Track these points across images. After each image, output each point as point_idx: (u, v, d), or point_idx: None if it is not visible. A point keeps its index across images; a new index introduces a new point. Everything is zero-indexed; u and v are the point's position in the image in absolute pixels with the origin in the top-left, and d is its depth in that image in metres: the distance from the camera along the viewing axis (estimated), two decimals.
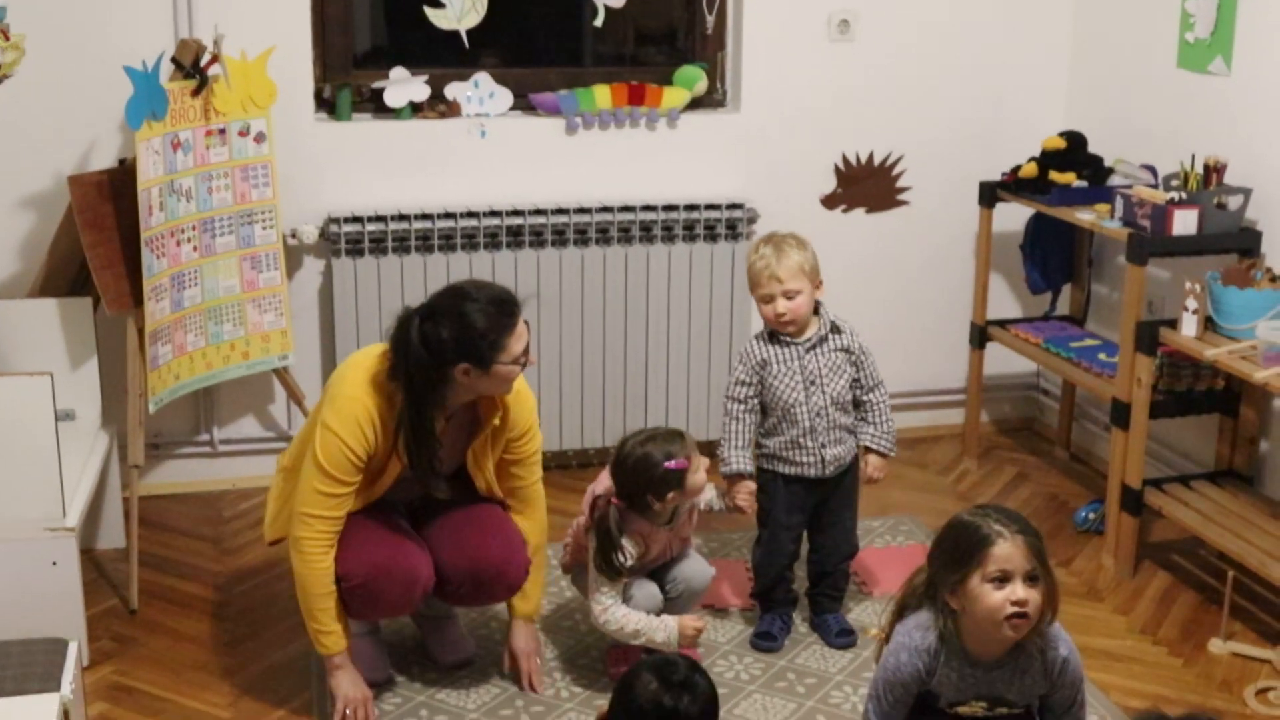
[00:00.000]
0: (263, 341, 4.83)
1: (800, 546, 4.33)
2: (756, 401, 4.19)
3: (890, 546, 4.89)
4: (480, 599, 4.03)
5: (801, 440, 4.16)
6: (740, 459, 4.17)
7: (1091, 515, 5.04)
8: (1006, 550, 2.99)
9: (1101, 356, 5.06)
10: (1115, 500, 4.72)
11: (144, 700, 3.98)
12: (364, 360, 3.75)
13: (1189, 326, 4.44)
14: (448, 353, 3.61)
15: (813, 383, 4.15)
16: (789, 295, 4.09)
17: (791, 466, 4.19)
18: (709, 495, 4.14)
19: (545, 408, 5.27)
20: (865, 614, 4.43)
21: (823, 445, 4.17)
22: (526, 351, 3.71)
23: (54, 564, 4.00)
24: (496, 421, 3.81)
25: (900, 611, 3.24)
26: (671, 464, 3.85)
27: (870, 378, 4.23)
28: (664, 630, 3.90)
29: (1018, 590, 2.99)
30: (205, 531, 4.99)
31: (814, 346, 4.16)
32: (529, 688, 3.99)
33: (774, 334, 4.17)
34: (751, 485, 4.20)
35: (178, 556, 4.79)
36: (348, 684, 3.79)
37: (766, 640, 4.25)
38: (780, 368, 4.15)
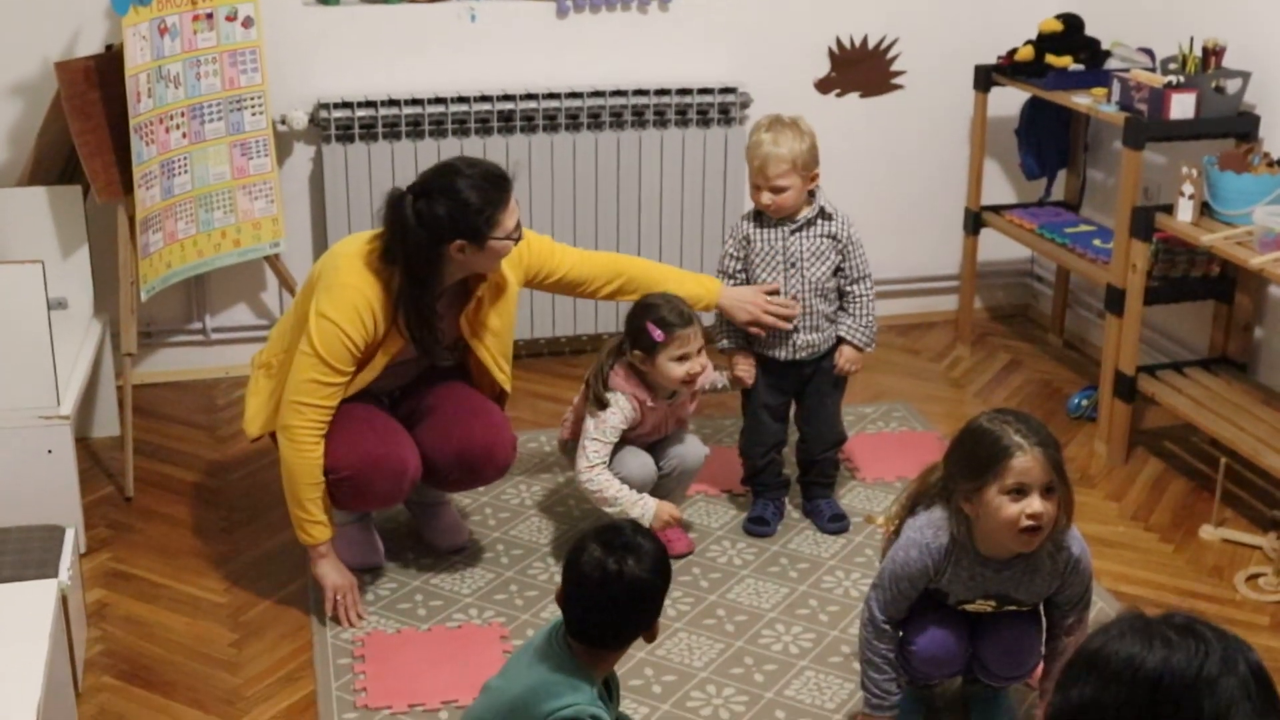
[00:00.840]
0: (254, 229, 4.81)
1: (786, 430, 4.34)
2: (744, 276, 4.19)
3: (882, 433, 4.91)
4: (470, 482, 4.05)
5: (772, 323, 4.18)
6: (735, 334, 4.19)
7: (1085, 402, 5.05)
8: (1025, 463, 2.98)
9: (1096, 242, 5.05)
10: (1108, 387, 4.73)
11: (140, 586, 4.01)
12: (355, 247, 3.73)
13: (1185, 212, 4.42)
14: (444, 230, 3.60)
15: (792, 265, 4.14)
16: (776, 190, 4.07)
17: (765, 347, 4.21)
18: (712, 375, 4.15)
19: (538, 293, 5.25)
20: (857, 499, 4.45)
21: (795, 329, 4.16)
22: (519, 226, 3.71)
23: (49, 452, 4.01)
24: (488, 287, 3.81)
25: (912, 507, 3.25)
26: (653, 327, 3.89)
27: (856, 269, 4.20)
28: (640, 507, 3.92)
29: (1034, 504, 2.99)
30: (199, 419, 4.99)
31: (799, 229, 4.14)
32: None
33: (758, 212, 4.16)
34: (749, 358, 4.21)
35: (172, 444, 4.80)
36: (332, 572, 3.81)
37: (759, 525, 4.27)
38: (762, 247, 4.15)
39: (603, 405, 3.96)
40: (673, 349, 3.90)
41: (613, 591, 2.74)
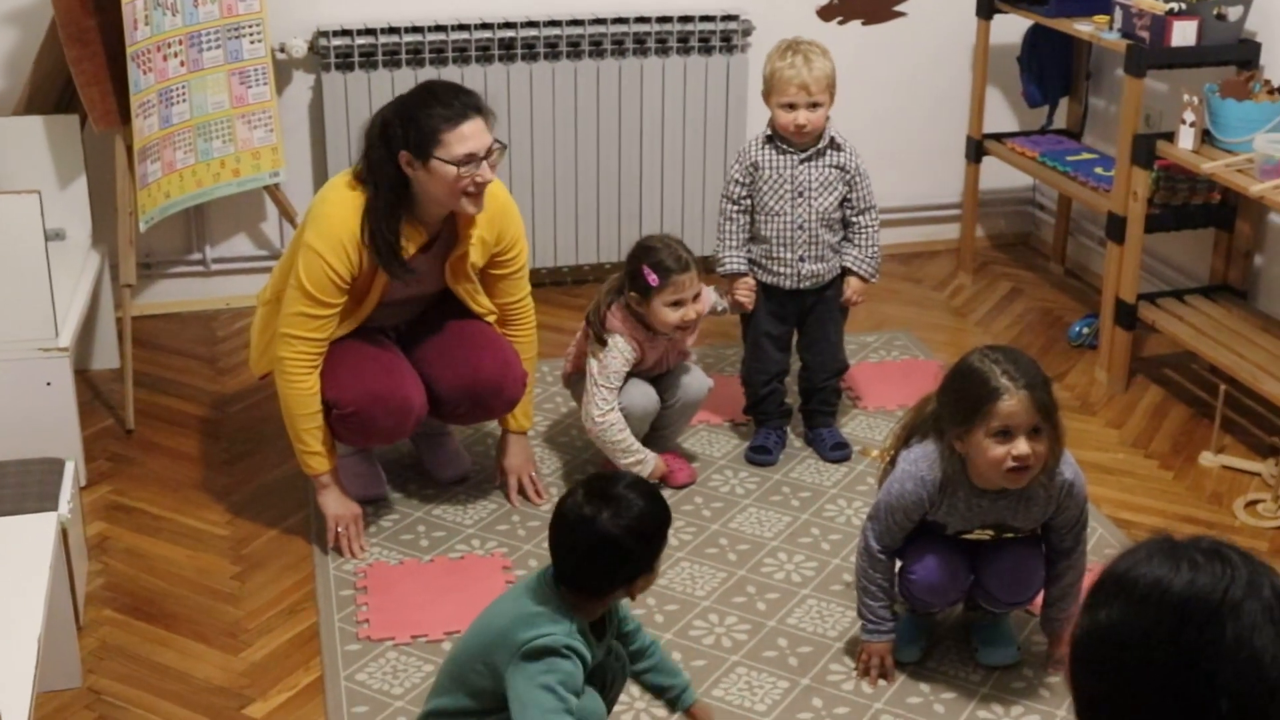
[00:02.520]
0: (253, 158, 4.79)
1: (788, 359, 4.34)
2: (749, 203, 4.18)
3: (885, 361, 4.90)
4: (478, 416, 4.05)
5: (779, 252, 4.17)
6: (736, 258, 4.19)
7: (1085, 330, 5.05)
8: (1011, 406, 3.00)
9: (1098, 170, 5.03)
10: (1109, 315, 4.73)
11: (141, 519, 4.02)
12: (343, 180, 3.72)
13: (1186, 140, 4.41)
14: (394, 139, 3.57)
15: (800, 195, 4.13)
16: (813, 106, 4.06)
17: (768, 275, 4.20)
18: (711, 298, 4.15)
19: (539, 224, 5.25)
20: (859, 428, 4.45)
21: (800, 259, 4.16)
22: (476, 162, 3.60)
23: (48, 384, 4.01)
24: (474, 233, 3.77)
25: (907, 438, 3.27)
26: (649, 271, 3.89)
27: (863, 200, 4.19)
28: (642, 462, 3.98)
29: (1020, 446, 3.01)
30: (199, 351, 4.99)
31: (809, 159, 4.13)
32: (533, 496, 4.04)
33: (771, 138, 4.14)
34: (750, 281, 4.21)
35: (172, 376, 4.80)
36: (335, 503, 3.81)
37: (761, 454, 4.27)
38: (771, 174, 4.14)
39: (604, 343, 3.96)
40: (668, 294, 3.90)
41: (582, 538, 2.71)
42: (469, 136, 3.58)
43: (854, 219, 4.20)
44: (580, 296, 5.07)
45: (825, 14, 5.53)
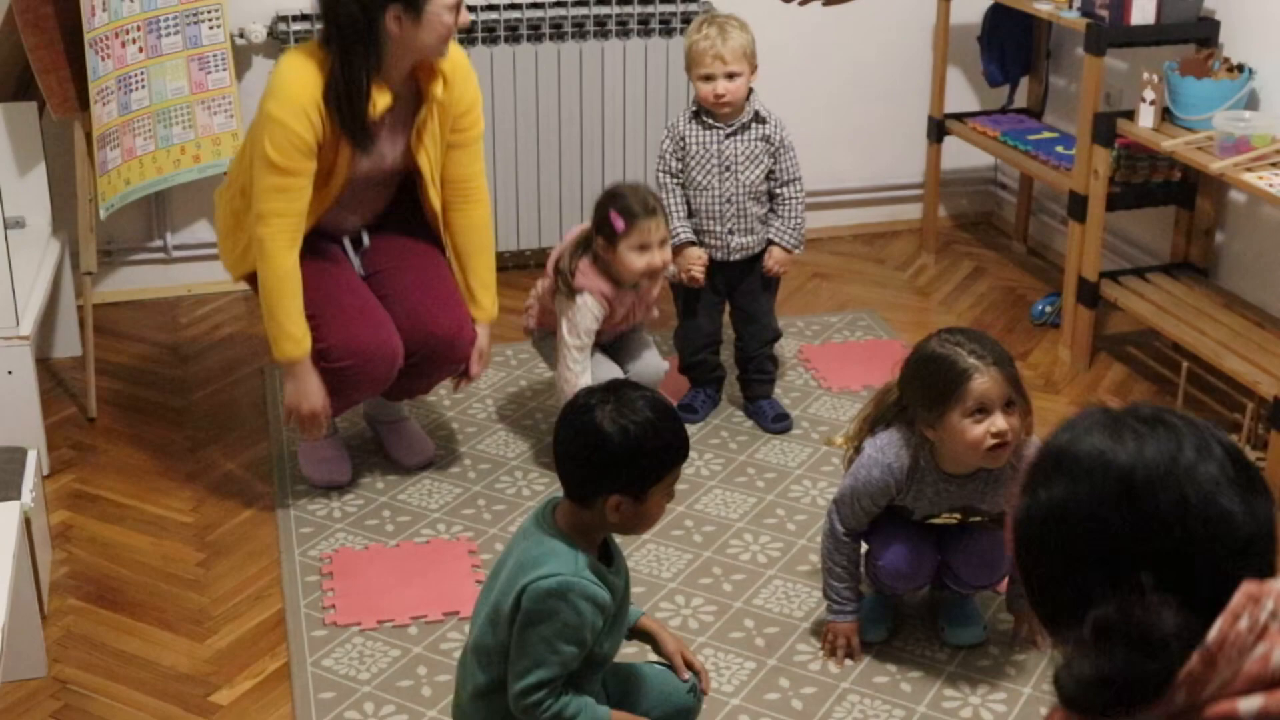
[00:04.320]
0: (213, 144, 4.76)
1: (719, 329, 4.40)
2: (684, 178, 4.24)
3: (848, 342, 4.91)
4: (427, 371, 4.00)
5: (708, 225, 4.23)
6: (683, 229, 4.22)
7: (1048, 308, 5.07)
8: (984, 384, 3.01)
9: (1059, 149, 5.04)
10: (1072, 293, 4.74)
11: (105, 507, 4.00)
12: (296, 53, 3.70)
13: (1146, 118, 4.42)
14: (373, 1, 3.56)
15: (727, 169, 4.19)
16: (730, 76, 4.12)
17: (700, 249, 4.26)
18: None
19: (502, 208, 5.24)
20: (823, 409, 4.46)
21: (729, 231, 4.23)
22: (461, 4, 3.64)
23: (9, 373, 3.98)
24: (439, 91, 3.75)
25: (871, 428, 3.28)
26: (615, 216, 3.88)
27: (787, 172, 4.25)
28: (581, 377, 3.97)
29: (997, 422, 3.02)
30: (162, 338, 4.97)
31: (734, 133, 4.19)
32: (474, 369, 4.02)
33: (698, 113, 4.20)
34: (701, 253, 4.23)
35: (135, 363, 4.78)
36: (298, 392, 3.76)
37: (688, 413, 4.34)
38: (697, 149, 4.19)
39: (573, 298, 3.95)
40: (633, 238, 3.89)
41: (576, 425, 2.62)
42: None
43: (778, 191, 4.26)
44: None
45: None
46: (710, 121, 4.18)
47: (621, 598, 2.74)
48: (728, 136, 4.18)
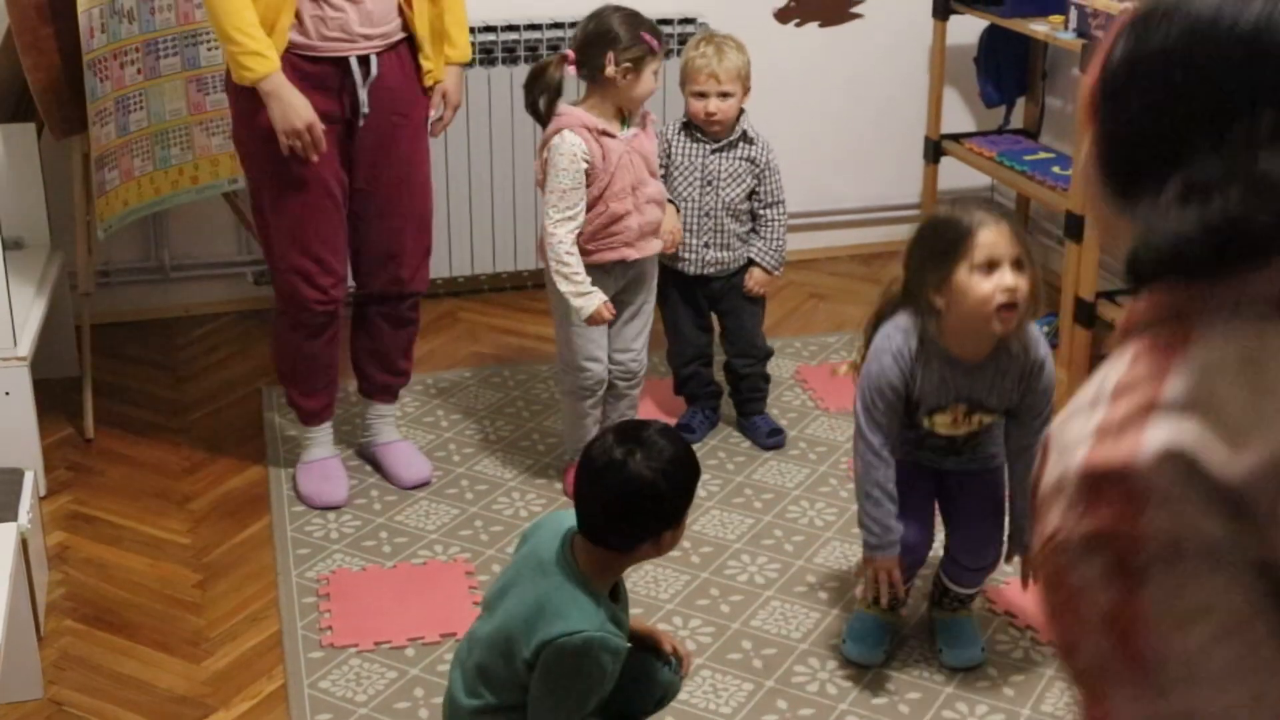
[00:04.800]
0: (212, 165, 4.77)
1: (707, 343, 4.42)
2: (667, 184, 4.24)
3: (846, 361, 4.90)
4: (382, 315, 4.10)
5: (685, 237, 4.25)
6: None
7: (1045, 328, 5.06)
8: (992, 236, 2.97)
9: (1055, 169, 5.05)
10: (1069, 313, 4.75)
11: (102, 528, 4.00)
12: None
13: None
14: None
15: (709, 183, 4.22)
16: (724, 95, 4.15)
17: (674, 260, 4.28)
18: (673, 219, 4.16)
19: (500, 229, 5.25)
20: (820, 429, 4.46)
21: (705, 245, 4.25)
22: None
23: (6, 394, 3.98)
24: None
25: (876, 324, 3.23)
26: (648, 36, 3.86)
27: (771, 194, 4.27)
28: (585, 297, 3.85)
29: (1006, 277, 2.97)
30: (159, 359, 4.97)
31: (721, 149, 4.22)
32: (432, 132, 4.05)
33: (687, 125, 4.24)
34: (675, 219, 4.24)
35: (132, 384, 4.78)
36: (279, 112, 3.65)
37: (685, 432, 4.33)
38: (682, 160, 4.23)
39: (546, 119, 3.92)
40: (656, 62, 3.89)
41: (613, 482, 2.62)
42: None
43: (761, 212, 4.29)
44: (541, 300, 5.04)
45: (782, 16, 5.54)
46: (698, 135, 4.22)
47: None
48: (713, 152, 4.22)
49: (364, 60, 3.78)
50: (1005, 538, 3.37)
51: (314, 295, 3.89)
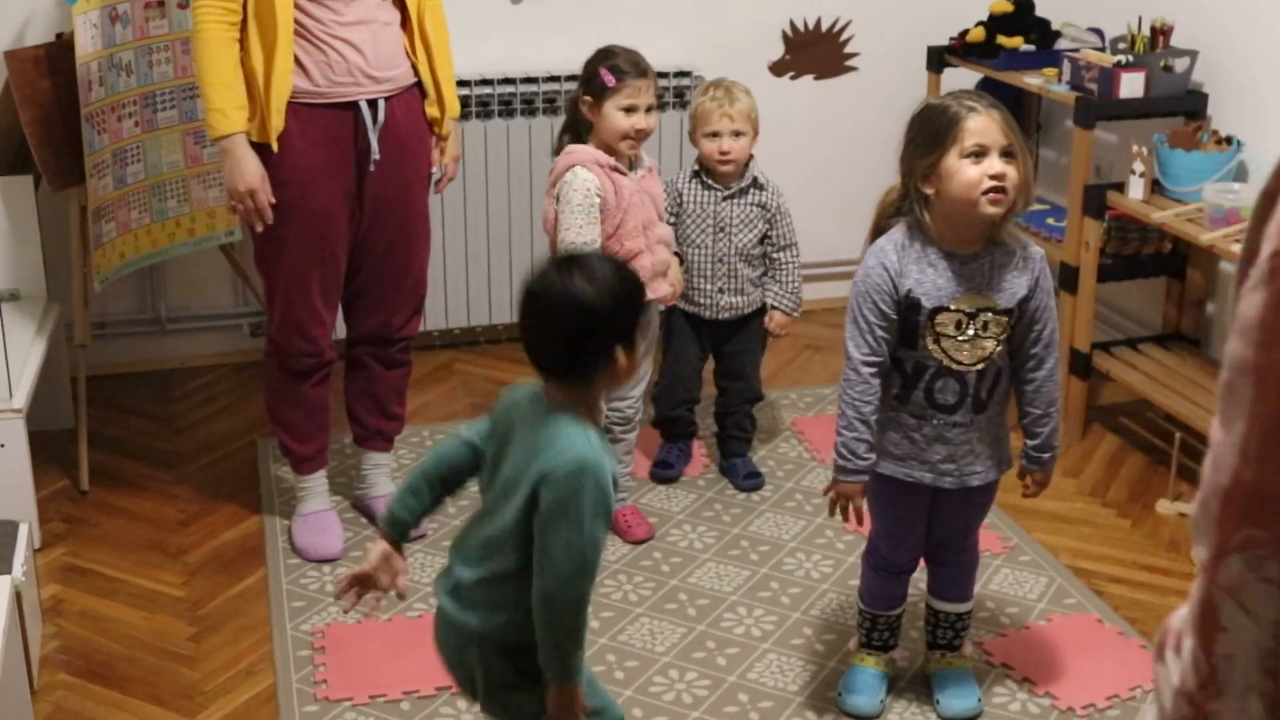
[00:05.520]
0: (208, 218, 4.78)
1: (699, 388, 4.46)
2: (677, 230, 4.29)
3: None
4: (375, 358, 4.12)
5: (698, 283, 4.29)
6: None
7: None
8: (981, 123, 2.98)
9: (1050, 221, 5.07)
10: (1064, 364, 4.75)
11: (97, 581, 3.98)
12: None
13: (1136, 190, 4.45)
14: None
15: (722, 230, 4.26)
16: (736, 134, 4.21)
17: (688, 305, 4.33)
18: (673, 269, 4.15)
19: (497, 280, 5.26)
20: (818, 480, 4.46)
21: (719, 290, 4.30)
22: None
23: (1, 446, 3.97)
24: None
25: (874, 238, 3.21)
26: (605, 73, 3.85)
27: (784, 237, 4.33)
28: None
29: (995, 164, 2.97)
30: (155, 410, 4.97)
31: (732, 195, 4.26)
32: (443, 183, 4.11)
33: (698, 173, 4.27)
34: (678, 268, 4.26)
35: (128, 436, 4.78)
36: (230, 171, 3.71)
37: (664, 469, 4.43)
38: (694, 207, 4.27)
39: (577, 134, 3.94)
40: (621, 97, 3.86)
41: (562, 306, 2.53)
42: None
43: (775, 255, 4.33)
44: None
45: (777, 69, 5.57)
46: (710, 182, 4.25)
47: None
48: (725, 198, 4.25)
49: (373, 105, 3.80)
50: (982, 520, 3.38)
51: (304, 345, 3.91)
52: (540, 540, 2.49)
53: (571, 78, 5.18)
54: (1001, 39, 5.09)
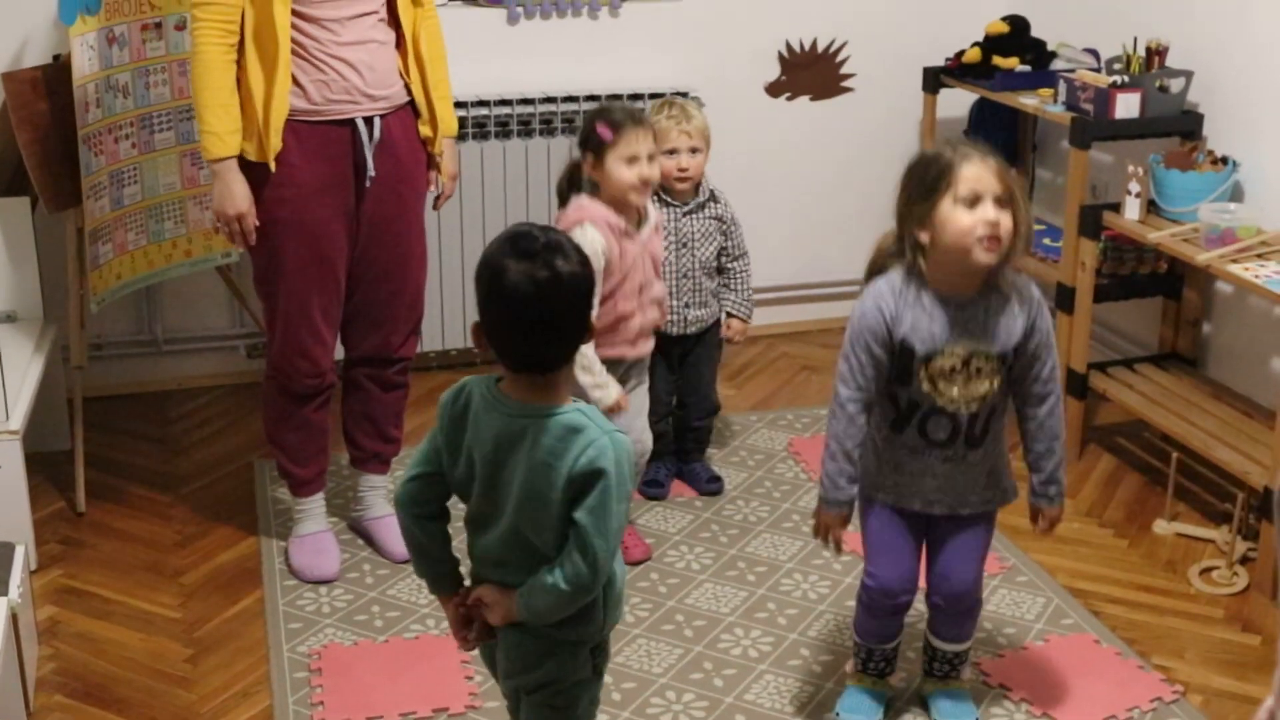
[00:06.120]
0: (205, 239, 4.78)
1: (673, 399, 4.49)
2: None
3: None
4: (372, 379, 4.10)
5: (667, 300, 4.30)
6: None
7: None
8: (976, 170, 2.96)
9: (1046, 241, 5.07)
10: (1060, 384, 4.74)
11: (93, 602, 3.98)
12: None
13: (1132, 210, 4.46)
14: None
15: (684, 245, 4.32)
16: (693, 151, 4.27)
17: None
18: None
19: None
20: (813, 502, 4.42)
21: (686, 305, 4.36)
22: None
23: None
24: None
25: (871, 278, 3.20)
26: (602, 127, 3.82)
27: (737, 247, 4.41)
28: (604, 389, 3.82)
29: (989, 211, 2.95)
30: (151, 432, 4.96)
31: (691, 211, 4.33)
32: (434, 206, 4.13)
33: (656, 192, 4.24)
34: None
35: (124, 458, 4.77)
36: (219, 193, 3.72)
37: (654, 488, 4.49)
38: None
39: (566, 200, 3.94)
40: (621, 149, 3.81)
41: (550, 297, 2.43)
42: None
43: (730, 265, 4.42)
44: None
45: (774, 90, 5.58)
46: (669, 200, 4.29)
47: None
48: (685, 214, 4.31)
49: (369, 122, 3.81)
50: (984, 553, 3.36)
51: (306, 367, 3.90)
52: (582, 535, 2.45)
53: (569, 99, 5.20)
54: (997, 60, 5.10)
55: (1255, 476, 4.02)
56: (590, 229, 3.79)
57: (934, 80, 5.37)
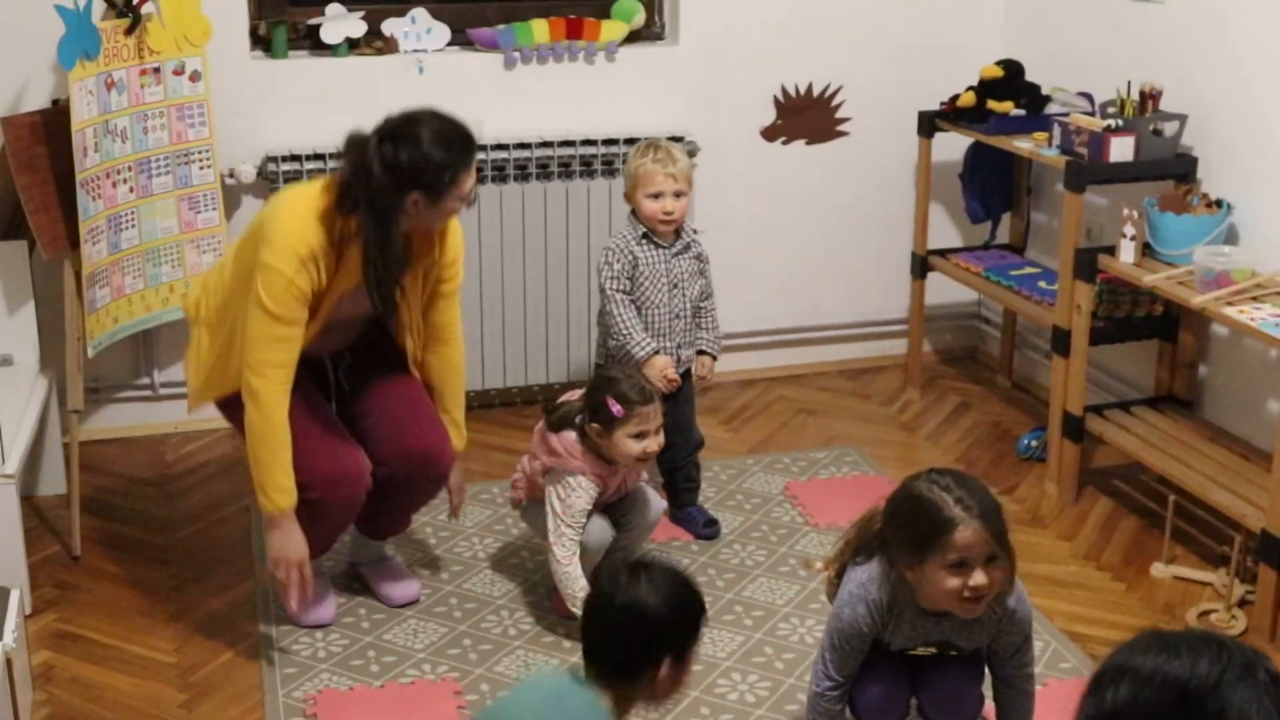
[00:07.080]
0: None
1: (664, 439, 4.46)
2: (631, 295, 4.34)
3: (835, 478, 4.91)
4: (407, 489, 4.03)
5: (659, 341, 4.34)
6: (648, 340, 4.29)
7: (1034, 443, 5.07)
8: (967, 538, 2.93)
9: (1041, 284, 5.08)
10: (1057, 427, 4.76)
11: (88, 647, 3.96)
12: (298, 195, 3.72)
13: (1127, 253, 4.46)
14: (405, 180, 3.59)
15: (675, 285, 4.36)
16: (678, 194, 4.30)
17: None
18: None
19: (488, 345, 5.26)
20: (810, 545, 4.45)
21: (679, 345, 4.41)
22: (474, 188, 3.75)
23: None
24: (435, 253, 3.86)
25: (854, 554, 3.23)
26: (613, 402, 3.84)
27: (709, 286, 4.48)
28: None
29: (977, 577, 2.96)
30: (147, 475, 4.96)
31: (679, 252, 4.37)
32: (452, 515, 4.21)
33: (646, 235, 4.32)
34: (666, 360, 4.32)
35: (120, 501, 4.76)
36: (284, 543, 3.74)
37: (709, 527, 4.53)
38: (648, 269, 4.33)
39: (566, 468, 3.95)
40: (631, 425, 3.85)
41: (614, 607, 2.64)
42: (473, 171, 3.73)
43: (702, 304, 4.46)
44: (530, 417, 5.06)
45: (769, 134, 5.60)
46: (658, 242, 4.33)
47: None
48: (674, 255, 4.36)
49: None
50: (980, 691, 3.36)
51: (349, 488, 3.85)
52: None
53: (565, 143, 5.21)
54: (992, 104, 5.12)
55: (1252, 519, 4.02)
56: (583, 480, 3.90)
57: (929, 124, 5.39)
